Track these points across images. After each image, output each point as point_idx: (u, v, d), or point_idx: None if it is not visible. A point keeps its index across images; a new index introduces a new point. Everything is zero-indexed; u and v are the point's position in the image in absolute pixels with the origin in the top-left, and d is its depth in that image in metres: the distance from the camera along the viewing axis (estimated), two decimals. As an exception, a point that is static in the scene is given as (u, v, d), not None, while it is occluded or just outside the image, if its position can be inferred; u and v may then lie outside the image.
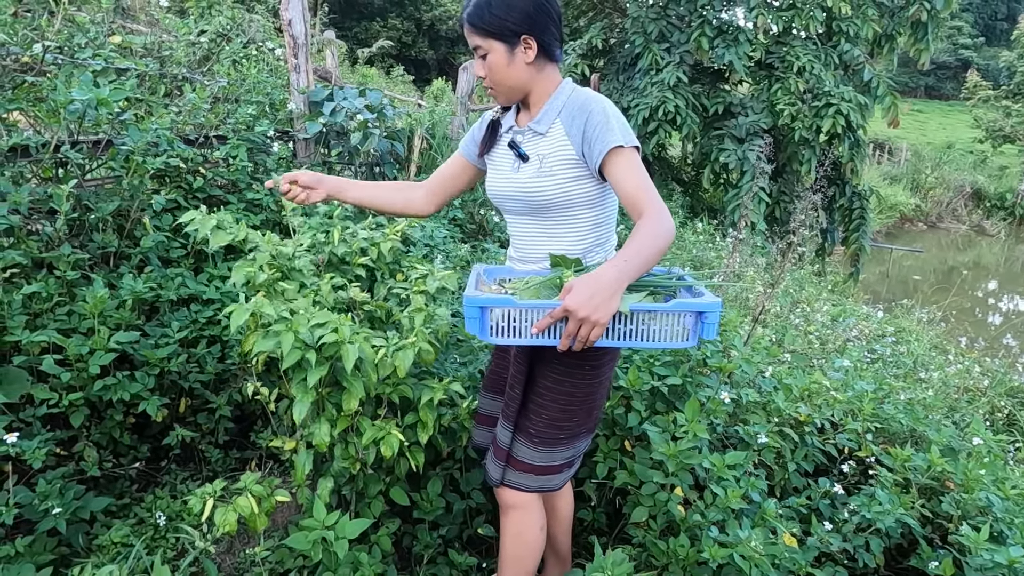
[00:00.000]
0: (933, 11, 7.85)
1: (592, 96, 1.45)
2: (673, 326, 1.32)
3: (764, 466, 2.12)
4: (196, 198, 2.62)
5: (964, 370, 3.70)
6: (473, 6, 1.40)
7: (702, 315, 1.31)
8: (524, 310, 1.31)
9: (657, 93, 7.48)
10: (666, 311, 1.31)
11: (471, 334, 1.34)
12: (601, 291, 1.17)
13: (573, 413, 1.54)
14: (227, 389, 2.31)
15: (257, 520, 1.63)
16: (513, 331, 1.32)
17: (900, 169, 20.62)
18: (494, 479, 1.62)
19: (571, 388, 1.52)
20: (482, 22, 1.39)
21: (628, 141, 1.38)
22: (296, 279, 1.77)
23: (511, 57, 1.42)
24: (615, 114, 1.41)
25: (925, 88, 43.43)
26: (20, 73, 2.32)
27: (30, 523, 1.74)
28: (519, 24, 1.39)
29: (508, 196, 1.55)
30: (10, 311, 1.87)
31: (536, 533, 1.63)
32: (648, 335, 1.33)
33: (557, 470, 1.59)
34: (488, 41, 1.41)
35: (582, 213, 1.50)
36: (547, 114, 1.48)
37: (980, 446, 2.18)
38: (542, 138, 1.48)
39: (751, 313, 3.03)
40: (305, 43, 3.35)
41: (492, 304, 1.32)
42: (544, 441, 1.56)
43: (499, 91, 1.49)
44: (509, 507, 1.62)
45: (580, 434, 1.59)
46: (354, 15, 29.32)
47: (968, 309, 9.85)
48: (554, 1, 1.44)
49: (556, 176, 1.46)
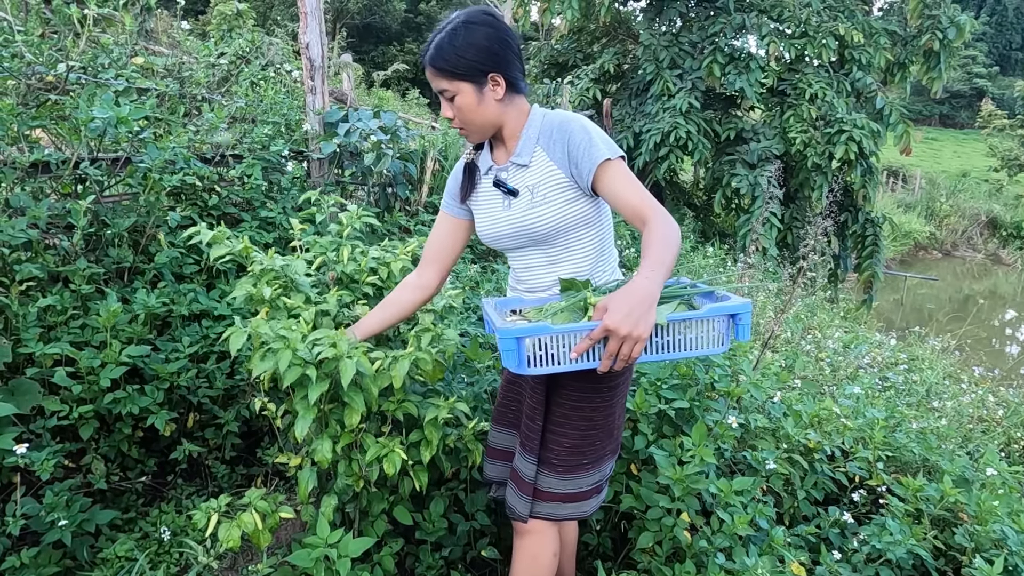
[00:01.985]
0: (946, 40, 7.88)
1: (566, 116, 1.44)
2: (708, 332, 1.31)
3: (773, 493, 2.09)
4: (211, 215, 2.66)
5: (978, 399, 3.64)
6: (435, 48, 1.37)
7: (735, 317, 1.31)
8: (559, 336, 1.26)
9: (669, 118, 7.53)
10: (701, 318, 1.30)
11: (507, 367, 1.30)
12: (638, 305, 1.16)
13: (595, 437, 1.52)
14: (235, 405, 2.32)
15: (261, 537, 1.63)
16: (551, 359, 1.28)
17: (914, 197, 20.52)
18: (521, 514, 1.56)
19: (590, 412, 1.50)
20: (448, 64, 1.37)
21: (614, 153, 1.38)
22: (299, 296, 1.78)
23: (480, 96, 1.40)
24: (594, 128, 1.42)
25: (939, 116, 43.37)
26: (44, 92, 2.38)
27: (36, 534, 1.75)
28: (485, 63, 1.37)
29: (504, 235, 1.53)
30: (25, 323, 1.90)
31: (550, 559, 1.60)
32: (685, 344, 1.32)
33: (586, 496, 1.56)
34: (455, 83, 1.38)
35: (582, 234, 1.49)
36: (526, 145, 1.46)
37: (994, 477, 2.14)
38: (526, 169, 1.47)
39: (761, 338, 3.01)
40: (322, 66, 3.41)
41: (529, 333, 1.27)
42: (568, 469, 1.53)
43: (471, 131, 1.47)
44: (527, 532, 1.59)
45: (604, 457, 1.57)
46: (371, 39, 29.86)
47: (984, 339, 9.71)
48: (513, 33, 1.42)
49: (551, 203, 1.44)
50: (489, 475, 1.77)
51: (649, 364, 2.12)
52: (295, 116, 3.46)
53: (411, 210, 4.14)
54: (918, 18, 8.00)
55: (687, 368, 2.15)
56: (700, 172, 9.95)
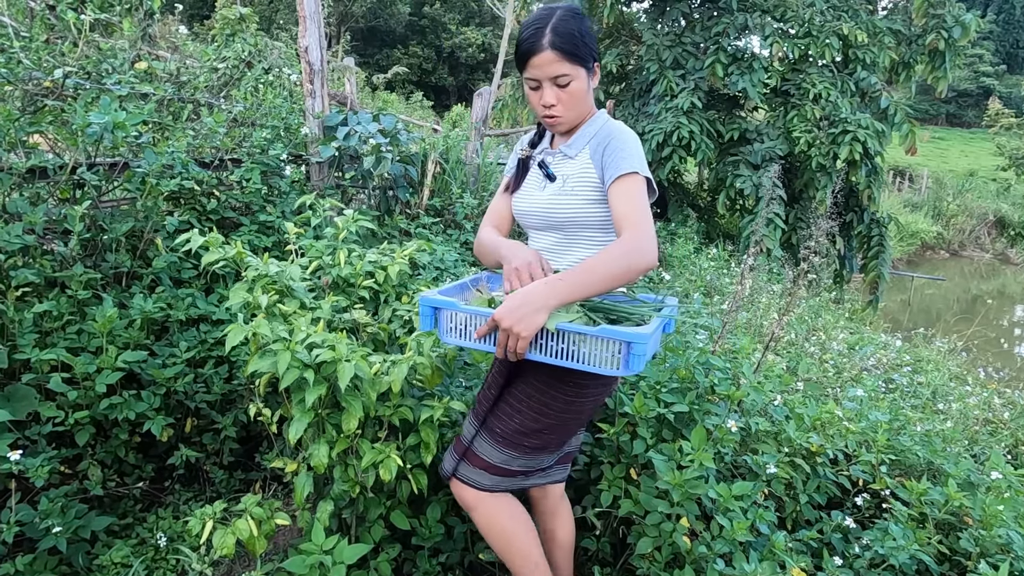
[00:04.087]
0: (951, 40, 7.82)
1: (621, 128, 1.50)
2: (602, 351, 1.29)
3: (775, 498, 2.07)
4: (210, 220, 2.66)
5: (984, 401, 3.60)
6: (562, 34, 1.40)
7: (631, 345, 1.26)
8: (471, 316, 1.39)
9: (671, 118, 7.50)
10: (590, 335, 1.29)
11: (423, 329, 1.46)
12: (526, 305, 1.24)
13: (544, 426, 1.55)
14: (233, 410, 2.32)
15: (256, 543, 1.62)
16: (462, 333, 1.42)
17: (921, 196, 20.40)
18: (446, 470, 1.64)
19: (549, 399, 1.53)
20: (575, 48, 1.41)
21: (640, 171, 1.42)
22: (294, 301, 1.78)
23: (590, 83, 1.48)
24: (636, 145, 1.47)
25: (946, 115, 43.16)
26: (41, 97, 2.38)
27: (32, 541, 1.75)
28: (595, 52, 1.46)
29: (530, 212, 1.60)
30: (21, 329, 1.90)
31: (505, 522, 1.60)
32: (578, 356, 1.32)
33: (511, 474, 1.59)
34: (576, 68, 1.43)
35: (595, 235, 1.55)
36: (579, 139, 1.53)
37: (1000, 480, 2.11)
38: (571, 161, 1.54)
39: (763, 340, 2.99)
40: (321, 69, 3.41)
41: (441, 306, 1.42)
42: (508, 443, 1.56)
43: (567, 118, 1.50)
44: (469, 509, 1.62)
45: (546, 447, 1.59)
46: (376, 42, 29.96)
47: (993, 339, 9.63)
48: None
49: (576, 195, 1.51)
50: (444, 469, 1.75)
51: (648, 367, 2.11)
52: (294, 120, 3.46)
53: (412, 213, 4.13)
54: (923, 17, 7.94)
55: (686, 372, 2.13)
56: (704, 173, 9.92)
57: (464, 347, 1.55)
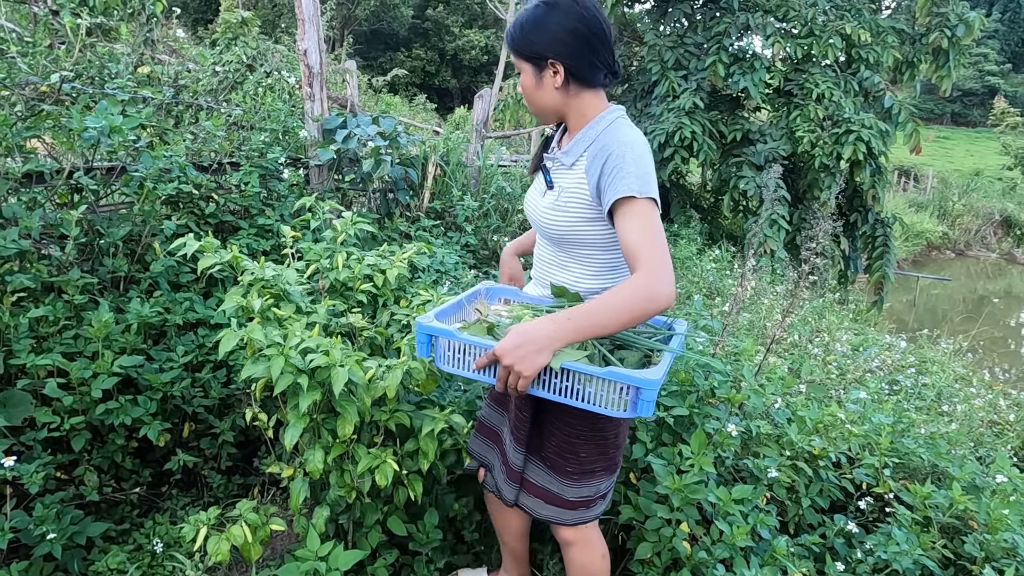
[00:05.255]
0: (954, 38, 7.78)
1: (623, 137, 1.35)
2: (609, 393, 1.23)
3: (777, 502, 2.05)
4: (208, 223, 2.65)
5: (989, 403, 3.56)
6: (511, 26, 1.43)
7: (640, 390, 1.20)
8: (467, 345, 1.32)
9: (673, 119, 7.48)
10: (597, 376, 1.23)
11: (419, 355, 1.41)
12: (529, 344, 1.19)
13: (577, 446, 1.49)
14: (231, 414, 2.30)
15: (251, 549, 1.61)
16: (459, 363, 1.35)
17: (926, 196, 20.29)
18: (508, 499, 1.59)
19: (571, 419, 1.47)
20: (514, 43, 1.42)
21: (643, 192, 1.28)
22: (289, 305, 1.76)
23: (539, 80, 1.41)
24: (636, 159, 1.31)
25: (951, 115, 42.96)
26: (38, 102, 2.38)
27: (27, 548, 1.74)
28: (546, 48, 1.37)
29: (532, 218, 1.56)
30: (16, 334, 1.89)
31: (598, 562, 1.62)
32: (583, 396, 1.26)
33: (570, 506, 1.53)
34: (519, 61, 1.42)
35: (593, 254, 1.47)
36: (577, 145, 1.43)
37: (1005, 483, 2.08)
38: (568, 170, 1.45)
39: (764, 342, 2.96)
40: (320, 72, 3.40)
41: (438, 333, 1.35)
42: (554, 466, 1.52)
43: (531, 110, 1.50)
44: (567, 543, 1.60)
45: (593, 472, 1.52)
46: (379, 45, 30.01)
47: (1000, 339, 9.56)
48: (597, 26, 1.36)
49: (569, 212, 1.43)
50: (471, 448, 1.75)
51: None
52: (293, 123, 3.46)
53: (412, 216, 4.12)
54: (926, 16, 7.90)
55: (686, 375, 2.11)
56: (707, 174, 9.88)
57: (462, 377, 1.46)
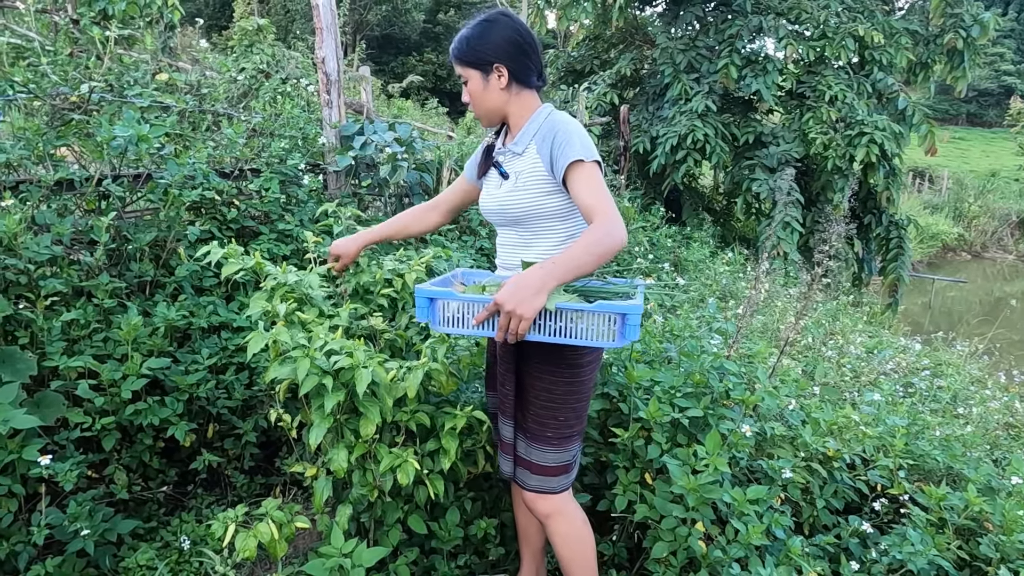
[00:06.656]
0: (969, 39, 7.74)
1: (562, 119, 1.59)
2: (599, 326, 1.42)
3: (791, 503, 2.07)
4: (230, 229, 2.71)
5: (1005, 405, 3.55)
6: (456, 41, 1.62)
7: (625, 317, 1.40)
8: (468, 304, 1.47)
9: (686, 121, 7.50)
10: (589, 311, 1.41)
11: (419, 320, 1.53)
12: (525, 288, 1.31)
13: (556, 411, 1.63)
14: (254, 415, 2.36)
15: (276, 546, 1.65)
16: (459, 322, 1.49)
17: (942, 198, 20.10)
18: (507, 472, 1.72)
19: (550, 385, 1.61)
20: (461, 53, 1.61)
21: (588, 156, 1.51)
22: (312, 309, 1.81)
23: (486, 83, 1.61)
24: (579, 132, 1.56)
25: (967, 115, 42.48)
26: (68, 112, 2.45)
27: (61, 544, 1.80)
28: (491, 54, 1.58)
29: (491, 211, 1.73)
30: (49, 337, 1.95)
31: (581, 527, 1.71)
32: (576, 333, 1.43)
33: (552, 472, 1.66)
34: (467, 70, 1.61)
35: (553, 225, 1.65)
36: (524, 136, 1.64)
37: (1021, 486, 2.09)
38: (519, 158, 1.65)
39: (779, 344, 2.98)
40: (337, 79, 3.46)
41: (438, 296, 1.49)
42: (534, 437, 1.65)
43: (479, 114, 1.69)
44: (547, 516, 1.69)
45: (571, 436, 1.67)
46: (391, 50, 30.15)
47: (1017, 342, 9.45)
48: (529, 37, 1.62)
49: (528, 190, 1.62)
50: (504, 471, 1.77)
51: (664, 372, 2.12)
52: (312, 129, 3.51)
53: (427, 220, 4.16)
54: (940, 17, 7.87)
55: (701, 376, 2.14)
56: (719, 176, 9.88)
57: (460, 335, 1.65)
